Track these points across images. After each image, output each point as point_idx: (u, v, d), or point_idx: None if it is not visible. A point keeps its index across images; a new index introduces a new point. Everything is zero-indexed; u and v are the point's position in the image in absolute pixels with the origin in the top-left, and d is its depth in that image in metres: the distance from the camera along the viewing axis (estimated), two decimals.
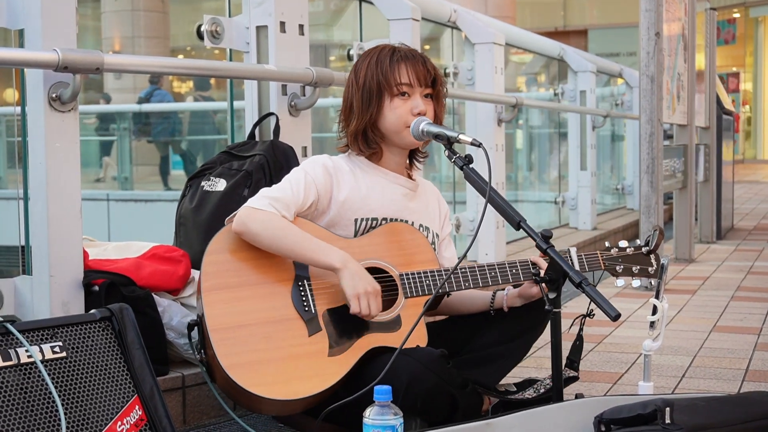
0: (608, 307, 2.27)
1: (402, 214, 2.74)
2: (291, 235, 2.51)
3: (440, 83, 2.73)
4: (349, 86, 2.74)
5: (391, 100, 2.68)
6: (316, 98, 3.74)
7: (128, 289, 2.90)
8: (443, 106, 2.77)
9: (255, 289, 2.50)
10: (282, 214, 2.54)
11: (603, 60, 10.42)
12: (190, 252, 3.18)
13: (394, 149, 2.75)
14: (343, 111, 2.76)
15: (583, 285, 2.31)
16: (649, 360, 2.76)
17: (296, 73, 3.64)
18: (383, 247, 2.65)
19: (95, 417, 2.23)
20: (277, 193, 2.58)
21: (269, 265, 2.55)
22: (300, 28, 3.75)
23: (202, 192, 3.36)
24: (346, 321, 2.54)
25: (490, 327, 2.79)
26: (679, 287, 5.66)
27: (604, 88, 10.78)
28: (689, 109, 7.22)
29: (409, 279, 2.62)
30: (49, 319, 2.37)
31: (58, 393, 2.18)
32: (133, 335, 2.36)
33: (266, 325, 2.47)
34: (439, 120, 2.73)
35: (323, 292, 2.57)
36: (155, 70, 3.57)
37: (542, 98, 9.99)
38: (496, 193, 2.45)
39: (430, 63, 2.72)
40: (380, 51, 2.72)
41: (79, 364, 2.26)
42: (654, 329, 2.71)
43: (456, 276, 2.63)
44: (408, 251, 2.68)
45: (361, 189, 2.69)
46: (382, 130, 2.70)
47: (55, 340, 2.26)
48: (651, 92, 5.86)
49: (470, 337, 2.80)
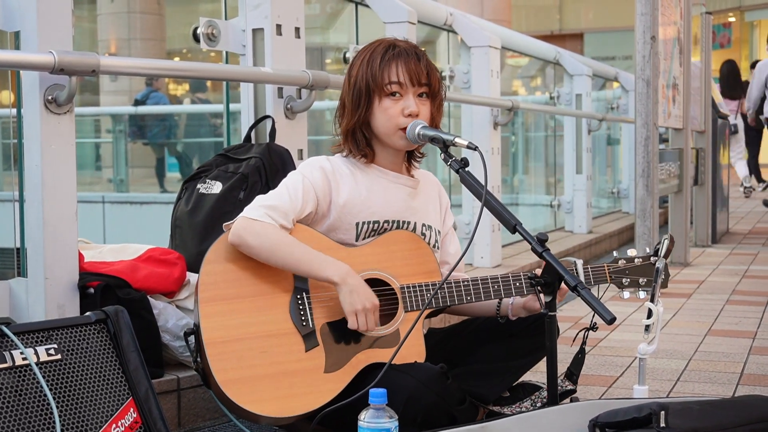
0: (603, 311, 2.25)
1: (404, 214, 2.67)
2: (288, 248, 2.45)
3: (436, 82, 2.65)
4: (344, 84, 2.69)
5: (381, 100, 2.60)
6: (312, 101, 3.73)
7: (124, 291, 2.89)
8: (440, 107, 2.70)
9: (253, 302, 2.47)
10: (279, 223, 2.49)
11: (599, 63, 10.43)
12: (186, 254, 3.17)
13: (389, 149, 2.67)
14: (338, 109, 2.71)
15: (579, 289, 2.29)
16: (644, 363, 2.75)
17: (292, 75, 3.62)
18: (385, 257, 2.60)
19: (90, 419, 2.22)
20: (273, 200, 2.52)
21: (268, 276, 2.51)
22: (296, 31, 3.74)
23: (198, 194, 3.34)
24: (344, 335, 2.52)
25: (497, 341, 2.75)
26: (675, 291, 5.66)
27: (600, 91, 10.78)
28: (684, 112, 7.21)
29: (410, 291, 2.58)
30: (44, 321, 2.37)
31: (53, 395, 2.18)
32: (129, 338, 2.36)
33: (263, 339, 2.44)
34: (435, 121, 2.66)
35: (322, 305, 2.53)
36: (151, 72, 3.53)
37: (538, 101, 9.97)
38: (492, 197, 2.42)
39: (427, 60, 2.63)
40: (375, 48, 2.64)
41: (75, 366, 2.26)
42: (649, 333, 2.70)
43: (458, 289, 2.59)
44: (411, 261, 2.63)
45: (362, 191, 2.63)
46: (374, 131, 2.64)
47: (50, 343, 2.25)
48: (647, 96, 5.87)
49: (476, 348, 2.77)
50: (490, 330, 2.75)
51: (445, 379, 2.44)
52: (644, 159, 5.82)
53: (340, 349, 2.48)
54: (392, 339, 2.52)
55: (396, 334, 2.53)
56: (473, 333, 2.77)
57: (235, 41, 3.70)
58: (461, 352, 2.74)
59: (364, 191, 2.62)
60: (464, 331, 2.80)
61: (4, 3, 2.81)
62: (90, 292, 2.85)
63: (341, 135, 2.67)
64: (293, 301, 2.49)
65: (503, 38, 6.47)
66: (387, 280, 2.58)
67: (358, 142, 2.64)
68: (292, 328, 2.47)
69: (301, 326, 2.47)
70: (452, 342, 2.78)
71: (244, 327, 2.43)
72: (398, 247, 2.62)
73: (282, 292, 2.49)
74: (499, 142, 6.00)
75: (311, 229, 2.58)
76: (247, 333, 2.42)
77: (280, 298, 2.49)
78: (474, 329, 2.79)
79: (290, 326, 2.47)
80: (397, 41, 2.66)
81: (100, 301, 2.82)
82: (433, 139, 2.53)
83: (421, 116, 2.60)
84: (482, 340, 2.74)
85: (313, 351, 2.46)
